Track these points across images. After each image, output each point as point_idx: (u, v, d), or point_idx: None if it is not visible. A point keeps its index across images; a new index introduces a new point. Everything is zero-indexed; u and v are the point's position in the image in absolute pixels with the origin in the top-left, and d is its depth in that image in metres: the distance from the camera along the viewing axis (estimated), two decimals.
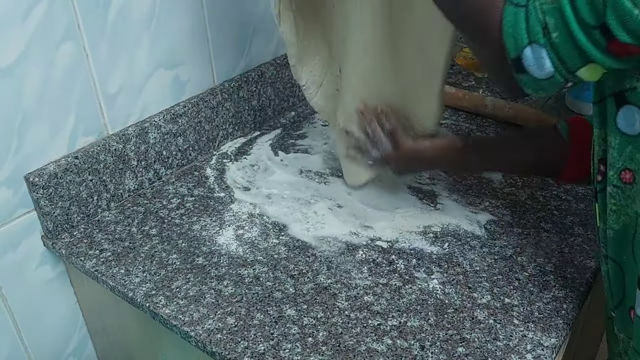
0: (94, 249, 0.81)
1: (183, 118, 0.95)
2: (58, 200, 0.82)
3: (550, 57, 0.49)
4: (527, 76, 0.52)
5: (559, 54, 0.49)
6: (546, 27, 0.48)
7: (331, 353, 0.64)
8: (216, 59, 0.99)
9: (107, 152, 0.86)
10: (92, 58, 0.81)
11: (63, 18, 0.76)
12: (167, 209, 0.88)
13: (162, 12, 0.88)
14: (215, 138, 1.02)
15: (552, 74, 0.50)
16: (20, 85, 0.75)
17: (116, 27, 0.83)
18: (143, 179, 0.93)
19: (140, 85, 0.89)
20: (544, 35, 0.49)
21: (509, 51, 0.51)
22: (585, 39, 0.47)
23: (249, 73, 1.05)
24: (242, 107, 1.05)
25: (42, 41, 0.75)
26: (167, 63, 0.92)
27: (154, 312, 0.71)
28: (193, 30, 0.94)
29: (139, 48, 0.87)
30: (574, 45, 0.48)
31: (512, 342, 0.65)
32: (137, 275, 0.76)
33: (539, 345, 0.64)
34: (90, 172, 0.84)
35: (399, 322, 0.68)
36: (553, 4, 0.48)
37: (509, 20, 0.51)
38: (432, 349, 0.64)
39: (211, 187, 0.93)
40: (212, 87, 1.00)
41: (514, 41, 0.50)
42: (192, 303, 0.71)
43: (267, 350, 0.65)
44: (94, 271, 0.77)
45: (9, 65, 0.73)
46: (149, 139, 0.91)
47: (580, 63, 0.49)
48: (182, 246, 0.81)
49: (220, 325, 0.68)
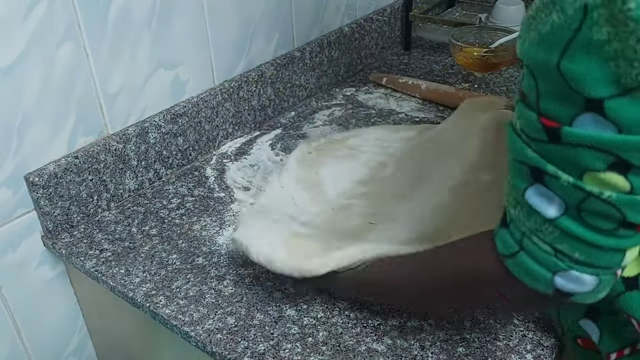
0: (94, 249, 0.81)
1: (183, 118, 0.95)
2: (58, 200, 0.82)
3: (586, 272, 0.45)
4: (577, 296, 0.47)
5: (593, 265, 0.45)
6: (559, 252, 0.45)
7: (331, 353, 0.64)
8: (216, 59, 0.99)
9: (107, 152, 0.86)
10: (92, 58, 0.81)
11: (63, 18, 0.76)
12: (167, 209, 0.88)
13: (163, 12, 0.88)
14: (215, 138, 1.02)
15: (598, 281, 0.46)
16: (20, 85, 0.75)
17: (116, 27, 0.83)
18: (143, 179, 0.93)
19: (140, 85, 0.89)
20: (561, 260, 0.45)
21: (545, 291, 0.48)
22: (613, 240, 0.44)
23: (249, 73, 1.05)
24: (242, 107, 1.05)
25: (42, 41, 0.75)
26: (167, 63, 0.92)
27: (154, 312, 0.71)
28: (193, 30, 0.94)
29: (139, 48, 0.87)
30: (603, 251, 0.44)
31: (512, 342, 0.65)
32: (137, 275, 0.76)
33: (539, 345, 0.64)
34: (90, 172, 0.84)
35: (399, 322, 0.68)
36: (554, 233, 0.45)
37: (518, 270, 0.48)
38: (432, 349, 0.64)
39: (211, 187, 0.93)
40: (212, 87, 1.00)
41: (540, 283, 0.47)
42: (192, 303, 0.71)
43: (267, 350, 0.65)
44: (94, 271, 0.77)
45: (9, 65, 0.73)
46: (149, 138, 0.91)
47: (619, 258, 0.45)
48: (182, 246, 0.81)
49: (220, 325, 0.68)
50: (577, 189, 0.42)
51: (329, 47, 1.20)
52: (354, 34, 1.26)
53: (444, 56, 1.35)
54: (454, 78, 1.24)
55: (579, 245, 0.44)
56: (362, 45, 1.30)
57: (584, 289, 0.46)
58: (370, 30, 1.31)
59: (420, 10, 1.38)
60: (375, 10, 1.33)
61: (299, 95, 1.17)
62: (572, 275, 0.46)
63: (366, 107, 1.15)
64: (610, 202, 0.41)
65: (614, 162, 0.40)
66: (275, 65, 1.09)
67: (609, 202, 0.41)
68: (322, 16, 1.18)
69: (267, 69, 1.08)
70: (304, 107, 1.17)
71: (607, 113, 0.39)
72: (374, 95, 1.20)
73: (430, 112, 1.12)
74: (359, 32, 1.28)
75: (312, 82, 1.19)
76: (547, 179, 0.44)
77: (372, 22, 1.31)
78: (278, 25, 1.09)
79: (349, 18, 1.26)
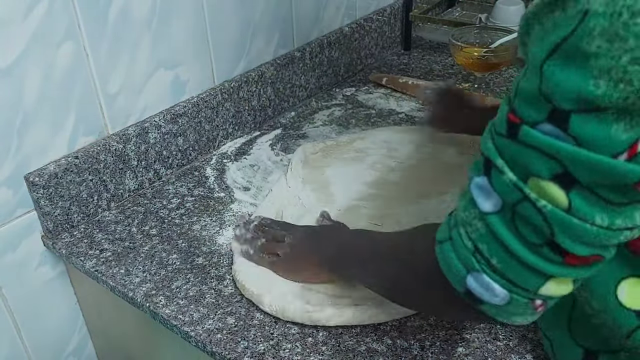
0: (94, 249, 0.81)
1: (183, 118, 0.95)
2: (58, 200, 0.82)
3: (498, 281, 0.44)
4: (486, 306, 0.46)
5: (506, 277, 0.44)
6: (478, 252, 0.44)
7: (331, 353, 0.64)
8: (216, 59, 0.99)
9: (107, 152, 0.86)
10: (92, 58, 0.81)
11: (63, 18, 0.76)
12: (167, 209, 0.88)
13: (163, 12, 0.88)
14: (215, 138, 1.02)
15: (509, 298, 0.44)
16: (20, 85, 0.75)
17: (116, 27, 0.83)
18: (143, 179, 0.93)
19: (140, 85, 0.89)
20: (478, 260, 0.44)
21: (455, 287, 0.47)
22: (535, 257, 0.42)
23: (249, 73, 1.05)
24: (242, 107, 1.05)
25: (42, 41, 0.75)
26: (167, 63, 0.92)
27: (154, 312, 0.71)
28: (193, 30, 0.94)
29: (139, 48, 0.87)
30: (522, 266, 0.43)
31: (512, 342, 0.65)
32: (137, 275, 0.76)
33: (539, 345, 0.64)
34: (90, 172, 0.84)
35: (399, 322, 0.68)
36: (480, 230, 0.44)
37: (441, 258, 0.48)
38: (432, 349, 0.64)
39: (211, 187, 0.93)
40: (212, 87, 1.00)
41: (454, 277, 0.46)
42: (192, 303, 0.71)
43: (267, 350, 0.65)
44: (94, 271, 0.77)
45: (9, 65, 0.73)
46: (149, 138, 0.91)
47: (538, 282, 0.43)
48: (182, 246, 0.81)
49: (220, 325, 0.68)
50: (516, 189, 0.41)
51: (329, 47, 1.20)
52: (354, 34, 1.26)
53: (444, 56, 1.35)
54: (454, 78, 1.24)
55: (499, 250, 0.43)
56: (362, 45, 1.30)
57: (493, 300, 0.45)
58: (370, 30, 1.31)
59: (420, 10, 1.38)
60: (375, 10, 1.33)
61: (299, 96, 1.17)
62: (484, 279, 0.44)
63: (366, 107, 1.15)
64: (543, 212, 0.40)
65: (559, 173, 0.39)
66: (275, 66, 1.09)
67: (542, 212, 0.40)
68: (322, 16, 1.18)
69: (267, 69, 1.08)
70: (304, 107, 1.17)
71: (571, 126, 0.37)
72: (374, 95, 1.20)
73: None
74: (359, 32, 1.28)
75: (312, 82, 1.19)
76: (493, 173, 0.43)
77: (372, 22, 1.31)
78: (278, 25, 1.09)
79: (349, 18, 1.26)
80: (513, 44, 1.09)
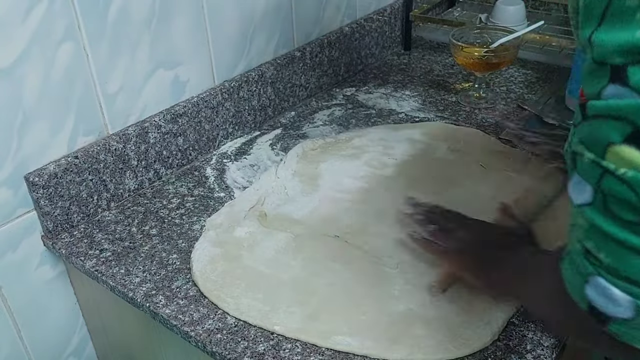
0: (94, 249, 0.81)
1: (183, 118, 0.95)
2: (58, 200, 0.82)
3: (615, 284, 0.39)
4: (614, 325, 0.40)
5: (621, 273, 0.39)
6: (588, 251, 0.40)
7: (331, 353, 0.64)
8: (216, 59, 0.99)
9: (107, 152, 0.86)
10: (92, 58, 0.81)
11: (63, 18, 0.76)
12: (167, 209, 0.88)
13: (162, 12, 0.88)
14: (215, 138, 1.02)
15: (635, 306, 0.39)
16: (20, 85, 0.75)
17: (116, 27, 0.83)
18: (143, 179, 0.93)
19: (140, 85, 0.89)
20: (591, 262, 0.40)
21: (580, 304, 0.42)
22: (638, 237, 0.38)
23: (249, 73, 1.05)
24: (242, 107, 1.05)
25: (42, 41, 0.75)
26: (167, 63, 0.92)
27: (154, 312, 0.71)
28: (193, 30, 0.94)
29: (139, 48, 0.87)
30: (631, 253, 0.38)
31: (512, 342, 0.65)
32: (137, 275, 0.76)
33: (539, 345, 0.64)
34: (90, 172, 0.84)
35: None
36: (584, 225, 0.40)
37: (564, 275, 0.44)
38: None
39: (211, 187, 0.93)
40: (212, 87, 1.00)
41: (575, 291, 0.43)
42: (192, 303, 0.71)
43: (267, 350, 0.65)
44: (94, 271, 0.77)
45: (9, 65, 0.73)
46: (149, 138, 0.91)
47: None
48: (182, 246, 0.81)
49: (220, 325, 0.68)
50: (595, 165, 0.39)
51: (329, 47, 1.20)
52: (354, 34, 1.26)
53: (444, 56, 1.35)
54: (454, 78, 1.24)
55: (605, 243, 0.39)
56: (362, 45, 1.30)
57: (619, 313, 0.39)
58: (370, 30, 1.31)
59: (420, 10, 1.38)
60: (375, 10, 1.33)
61: (299, 95, 1.17)
62: (600, 284, 0.40)
63: (366, 107, 1.15)
64: (625, 180, 0.37)
65: (631, 133, 0.37)
66: (275, 65, 1.09)
67: (624, 181, 0.37)
68: (322, 16, 1.18)
69: (267, 69, 1.08)
70: (304, 107, 1.17)
71: (629, 79, 0.37)
72: (374, 95, 1.20)
73: (430, 112, 1.12)
74: (359, 32, 1.28)
75: (312, 82, 1.19)
76: (577, 162, 0.41)
77: (372, 22, 1.31)
78: (278, 25, 1.09)
79: (349, 18, 1.26)
80: (513, 44, 1.09)
